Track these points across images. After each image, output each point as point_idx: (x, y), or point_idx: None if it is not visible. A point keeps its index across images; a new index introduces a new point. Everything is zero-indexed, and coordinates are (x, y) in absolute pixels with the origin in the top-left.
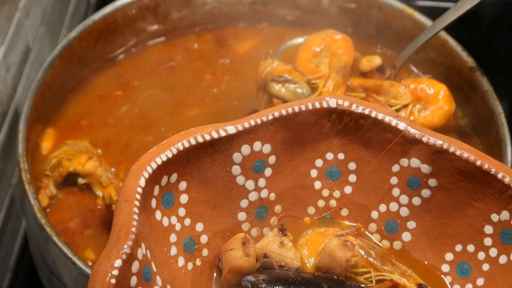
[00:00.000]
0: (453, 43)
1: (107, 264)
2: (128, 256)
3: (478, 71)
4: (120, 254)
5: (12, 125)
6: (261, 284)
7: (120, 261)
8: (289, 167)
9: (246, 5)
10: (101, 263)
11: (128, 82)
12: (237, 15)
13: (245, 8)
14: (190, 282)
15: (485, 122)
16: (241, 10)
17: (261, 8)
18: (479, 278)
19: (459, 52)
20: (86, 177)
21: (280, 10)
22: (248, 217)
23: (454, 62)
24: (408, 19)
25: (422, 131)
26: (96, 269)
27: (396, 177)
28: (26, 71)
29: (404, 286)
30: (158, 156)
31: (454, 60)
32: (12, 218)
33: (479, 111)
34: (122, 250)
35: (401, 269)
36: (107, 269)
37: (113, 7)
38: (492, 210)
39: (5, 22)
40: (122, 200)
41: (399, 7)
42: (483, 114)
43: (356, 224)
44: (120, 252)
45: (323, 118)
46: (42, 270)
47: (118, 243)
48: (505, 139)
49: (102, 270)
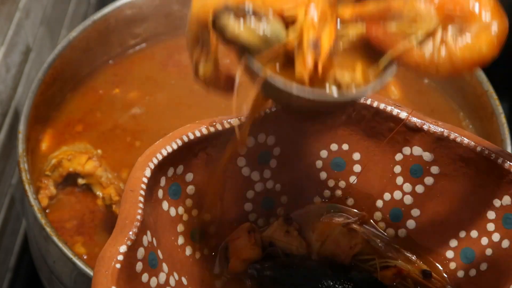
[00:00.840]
0: None
1: (112, 250)
2: (133, 242)
3: (478, 71)
4: (125, 241)
5: (12, 125)
6: (267, 271)
7: (125, 247)
8: (294, 158)
9: None
10: (107, 249)
11: (128, 82)
12: None
13: None
14: (197, 270)
15: (486, 123)
16: None
17: None
18: (482, 263)
19: None
20: (86, 178)
21: None
22: (254, 207)
23: None
24: None
25: (423, 120)
26: (102, 255)
27: (399, 166)
28: (26, 71)
29: (408, 272)
30: (163, 147)
31: None
32: (12, 218)
33: (479, 112)
34: (127, 237)
35: (405, 256)
36: (112, 255)
37: (113, 7)
38: (494, 196)
39: (5, 22)
40: (128, 190)
41: None
42: (483, 115)
43: (360, 213)
44: (125, 238)
45: None
46: (42, 270)
47: (124, 230)
48: (505, 139)
49: (107, 255)
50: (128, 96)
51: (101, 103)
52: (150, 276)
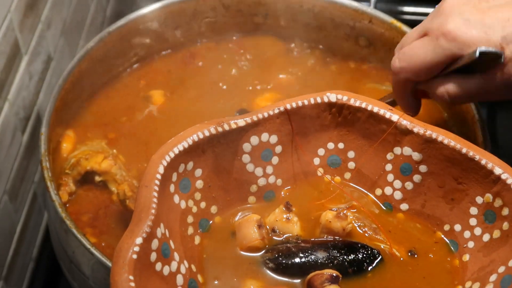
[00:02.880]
0: None
1: (129, 242)
2: (148, 234)
3: None
4: (141, 233)
5: (34, 127)
6: (268, 264)
7: (141, 239)
8: (294, 155)
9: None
10: (124, 241)
11: (142, 88)
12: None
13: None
14: (205, 256)
15: (468, 128)
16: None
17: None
18: (464, 255)
19: None
20: (102, 175)
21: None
22: (257, 200)
23: None
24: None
25: (413, 122)
26: (120, 246)
27: (390, 164)
28: (47, 78)
29: (394, 253)
30: (175, 146)
31: None
32: (35, 212)
33: (463, 118)
34: (142, 229)
35: (394, 238)
36: (129, 246)
37: (127, 20)
38: (477, 193)
39: (29, 34)
40: (143, 186)
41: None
42: (466, 121)
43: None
44: (141, 231)
45: (324, 111)
46: (62, 260)
47: (139, 223)
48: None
49: (125, 247)
50: (141, 102)
51: (116, 106)
52: (163, 265)
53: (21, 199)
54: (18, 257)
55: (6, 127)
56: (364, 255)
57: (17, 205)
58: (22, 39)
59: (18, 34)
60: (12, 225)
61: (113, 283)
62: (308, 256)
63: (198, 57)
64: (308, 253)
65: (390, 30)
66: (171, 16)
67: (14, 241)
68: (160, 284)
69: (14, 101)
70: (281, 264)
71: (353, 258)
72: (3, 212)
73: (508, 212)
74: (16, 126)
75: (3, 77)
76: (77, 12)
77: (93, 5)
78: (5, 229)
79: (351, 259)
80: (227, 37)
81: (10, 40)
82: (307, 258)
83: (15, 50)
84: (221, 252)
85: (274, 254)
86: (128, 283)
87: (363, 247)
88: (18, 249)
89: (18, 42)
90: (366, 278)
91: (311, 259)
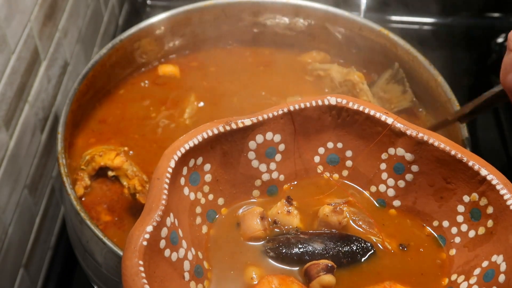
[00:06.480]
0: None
1: (140, 229)
2: (158, 223)
3: (442, 84)
4: (151, 222)
5: (52, 127)
6: (269, 253)
7: (151, 227)
8: (296, 153)
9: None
10: (136, 228)
11: (150, 91)
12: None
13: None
14: (211, 245)
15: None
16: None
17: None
18: (451, 249)
19: (426, 66)
20: (115, 170)
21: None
22: (261, 194)
23: (423, 75)
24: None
25: (406, 125)
26: (132, 233)
27: (384, 163)
28: (64, 82)
29: (386, 246)
30: (186, 142)
31: (423, 74)
32: (53, 205)
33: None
34: (153, 218)
35: (386, 232)
36: (140, 233)
37: (138, 28)
38: (464, 192)
39: (47, 41)
40: (155, 178)
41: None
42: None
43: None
44: (151, 220)
45: (325, 113)
46: (77, 249)
47: (150, 212)
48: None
49: (136, 234)
50: (150, 104)
51: (127, 108)
52: (172, 252)
53: (40, 193)
54: (37, 246)
55: (27, 126)
56: (358, 247)
57: (36, 198)
58: (41, 46)
59: (37, 42)
60: (32, 216)
61: (124, 267)
62: (306, 247)
63: (203, 63)
64: (306, 244)
65: (378, 38)
66: (177, 25)
67: (33, 231)
68: (168, 269)
69: (33, 102)
70: (281, 253)
71: (348, 249)
72: (23, 205)
73: (493, 211)
74: (36, 126)
75: (24, 80)
76: (91, 22)
77: (106, 16)
78: (25, 220)
79: (345, 251)
80: (228, 43)
81: (30, 47)
82: (305, 248)
83: (34, 56)
84: (226, 241)
85: (275, 244)
86: (138, 267)
87: (357, 240)
88: (37, 238)
89: (37, 48)
90: (359, 268)
91: (308, 250)
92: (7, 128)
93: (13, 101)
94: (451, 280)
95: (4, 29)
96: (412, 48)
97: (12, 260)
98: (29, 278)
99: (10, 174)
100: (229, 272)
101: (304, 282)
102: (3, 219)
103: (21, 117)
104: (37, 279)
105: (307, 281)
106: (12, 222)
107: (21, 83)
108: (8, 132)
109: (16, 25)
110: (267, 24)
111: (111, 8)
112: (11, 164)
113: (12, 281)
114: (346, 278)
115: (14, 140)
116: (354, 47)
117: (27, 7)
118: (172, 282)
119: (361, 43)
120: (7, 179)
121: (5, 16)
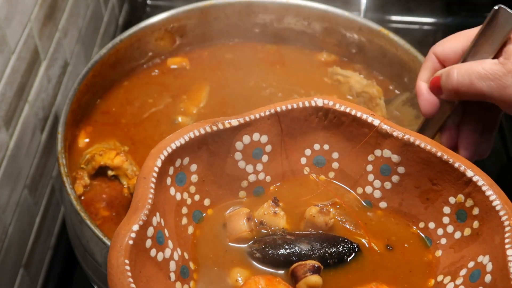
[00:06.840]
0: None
1: (126, 228)
2: (144, 222)
3: None
4: (138, 221)
5: (52, 127)
6: (256, 254)
7: (137, 226)
8: (283, 155)
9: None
10: (122, 227)
11: (151, 90)
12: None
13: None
14: (197, 245)
15: None
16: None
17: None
18: (437, 250)
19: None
20: (115, 170)
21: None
22: (248, 195)
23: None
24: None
25: (393, 127)
26: (118, 232)
27: (371, 165)
28: (64, 82)
29: (373, 246)
30: (173, 142)
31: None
32: (53, 205)
33: None
34: (139, 217)
35: (372, 233)
36: (126, 232)
37: (137, 28)
38: (449, 194)
39: (47, 41)
40: (141, 177)
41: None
42: None
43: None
44: (138, 219)
45: (311, 115)
46: (77, 248)
47: (136, 211)
48: None
49: (122, 233)
50: (150, 102)
51: (127, 108)
52: (158, 251)
53: (40, 193)
54: (37, 245)
55: (27, 126)
56: (344, 248)
57: (36, 198)
58: (41, 46)
59: (37, 41)
60: (32, 216)
61: (109, 266)
62: (292, 248)
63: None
64: (293, 245)
65: (378, 38)
66: (178, 25)
67: (33, 231)
68: (154, 269)
69: (34, 102)
70: (267, 254)
71: (334, 250)
72: (23, 205)
73: (478, 212)
74: (36, 126)
75: (24, 80)
76: (91, 22)
77: (106, 16)
78: (25, 220)
79: (332, 252)
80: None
81: (30, 47)
82: (291, 249)
83: (34, 56)
84: (212, 242)
85: (261, 245)
86: (124, 266)
87: (344, 241)
88: (37, 238)
89: (37, 48)
90: (346, 269)
91: (295, 251)
92: (7, 128)
93: (13, 101)
94: (437, 281)
95: (4, 29)
96: (412, 48)
97: (12, 260)
98: (29, 278)
99: (10, 174)
100: (215, 273)
101: (291, 283)
102: (3, 219)
103: (21, 117)
104: (37, 279)
105: (293, 281)
106: (12, 222)
107: (21, 83)
108: (8, 132)
109: (16, 25)
110: (266, 24)
111: (111, 8)
112: (11, 164)
113: (12, 281)
114: (333, 279)
115: (14, 140)
116: (354, 47)
117: (27, 7)
118: (158, 283)
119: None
120: (7, 179)
121: (5, 16)
